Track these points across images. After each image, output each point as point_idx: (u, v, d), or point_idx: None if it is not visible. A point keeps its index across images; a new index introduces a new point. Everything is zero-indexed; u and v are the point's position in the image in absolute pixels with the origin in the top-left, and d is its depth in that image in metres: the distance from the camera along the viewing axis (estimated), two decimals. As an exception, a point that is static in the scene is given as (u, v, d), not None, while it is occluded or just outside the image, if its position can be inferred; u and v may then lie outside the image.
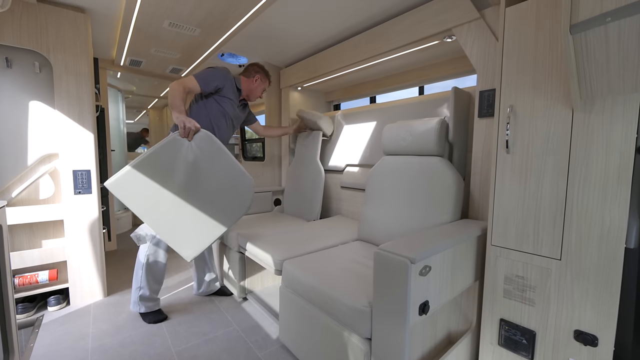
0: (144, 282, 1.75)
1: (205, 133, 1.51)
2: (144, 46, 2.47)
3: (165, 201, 1.45)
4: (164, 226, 1.47)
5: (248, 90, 1.98)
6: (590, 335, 0.97)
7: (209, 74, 1.76)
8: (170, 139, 1.47)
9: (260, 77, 2.00)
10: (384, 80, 2.40)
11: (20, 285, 1.81)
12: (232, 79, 1.87)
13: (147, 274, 1.74)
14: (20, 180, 1.81)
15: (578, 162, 0.97)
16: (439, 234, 1.18)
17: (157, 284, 1.79)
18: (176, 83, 1.62)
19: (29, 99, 1.80)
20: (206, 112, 1.80)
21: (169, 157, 1.45)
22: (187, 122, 1.46)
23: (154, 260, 1.74)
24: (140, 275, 1.75)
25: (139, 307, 1.77)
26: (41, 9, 1.74)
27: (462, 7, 1.43)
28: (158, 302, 1.83)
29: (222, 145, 1.54)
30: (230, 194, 1.54)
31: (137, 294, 1.76)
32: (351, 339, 1.12)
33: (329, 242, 1.78)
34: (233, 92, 1.88)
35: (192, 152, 1.48)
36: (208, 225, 1.53)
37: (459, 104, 1.48)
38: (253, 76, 1.98)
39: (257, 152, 3.73)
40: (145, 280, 1.74)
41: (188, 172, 1.47)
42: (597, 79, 0.87)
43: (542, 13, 1.02)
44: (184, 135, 1.47)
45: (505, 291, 1.15)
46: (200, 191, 1.51)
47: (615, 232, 0.91)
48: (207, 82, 1.73)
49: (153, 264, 1.75)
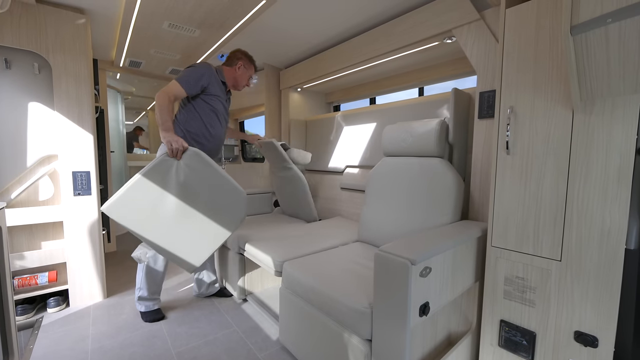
0: (143, 284, 1.78)
1: (194, 151, 1.52)
2: (144, 47, 2.47)
3: (161, 220, 1.48)
4: (162, 244, 1.51)
5: (233, 80, 1.89)
6: (590, 336, 0.96)
7: (191, 75, 1.68)
8: (160, 160, 1.48)
9: (243, 63, 1.87)
10: (384, 82, 2.41)
11: (19, 287, 1.81)
12: (215, 74, 1.79)
13: (147, 276, 1.78)
14: (19, 182, 1.80)
15: (578, 163, 0.97)
16: (439, 235, 1.17)
17: (156, 286, 1.83)
18: (162, 94, 1.56)
19: (28, 100, 1.80)
20: (197, 114, 1.75)
21: (160, 177, 1.47)
22: (174, 143, 1.46)
23: (152, 266, 1.78)
24: (140, 277, 1.79)
25: (139, 305, 1.82)
26: (40, 9, 1.74)
27: (462, 8, 1.43)
28: (157, 302, 1.85)
29: (212, 160, 1.55)
30: (223, 208, 1.57)
31: (137, 293, 1.80)
32: (351, 340, 1.12)
33: (329, 243, 1.77)
34: (219, 87, 1.81)
35: (183, 171, 1.49)
36: (204, 240, 1.56)
37: (459, 105, 1.48)
38: (235, 64, 1.86)
39: (257, 154, 3.73)
40: (145, 282, 1.78)
41: (180, 191, 1.49)
42: (598, 80, 0.87)
43: (542, 14, 1.02)
44: (172, 155, 1.48)
45: (506, 292, 1.15)
46: (194, 208, 1.53)
47: (616, 233, 0.91)
48: (191, 84, 1.66)
49: (152, 269, 1.78)
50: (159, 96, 1.57)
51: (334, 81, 2.51)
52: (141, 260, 1.76)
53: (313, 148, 2.75)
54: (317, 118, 2.74)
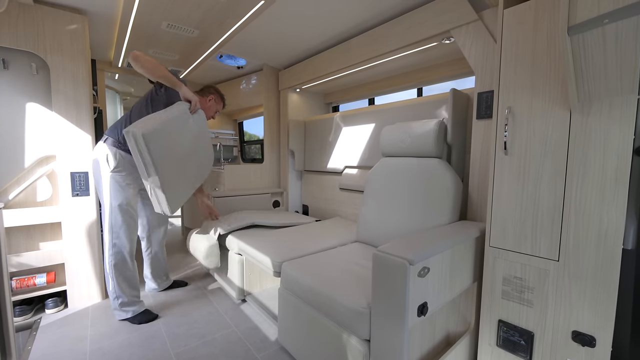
0: (118, 291, 1.71)
1: (201, 111, 1.80)
2: (142, 47, 2.46)
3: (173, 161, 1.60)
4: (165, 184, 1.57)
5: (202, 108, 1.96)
6: (588, 336, 0.97)
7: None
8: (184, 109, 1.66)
9: (214, 97, 2.04)
10: (383, 82, 2.41)
11: (17, 288, 1.80)
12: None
13: (119, 281, 1.71)
14: (17, 182, 1.80)
15: (576, 164, 0.97)
16: (437, 236, 1.18)
17: (134, 289, 1.77)
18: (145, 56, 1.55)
19: (26, 101, 1.79)
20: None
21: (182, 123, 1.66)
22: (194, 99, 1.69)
23: (122, 268, 1.71)
24: (113, 284, 1.70)
25: (124, 313, 1.74)
26: (38, 10, 1.74)
27: (460, 9, 1.43)
28: (141, 304, 1.81)
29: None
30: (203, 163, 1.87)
31: (115, 303, 1.73)
32: (350, 340, 1.12)
33: (328, 243, 1.77)
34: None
35: (194, 125, 1.72)
36: (188, 186, 1.79)
37: (457, 105, 1.49)
38: (207, 96, 2.01)
39: (256, 154, 3.73)
40: (119, 288, 1.71)
41: (190, 140, 1.70)
42: (595, 80, 0.87)
43: (540, 15, 1.03)
44: (193, 110, 1.69)
45: (504, 292, 1.16)
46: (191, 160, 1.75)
47: (613, 233, 0.92)
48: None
49: (123, 271, 1.72)
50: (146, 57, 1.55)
51: (333, 82, 2.51)
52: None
53: (312, 148, 2.75)
54: (316, 118, 2.74)
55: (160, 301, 2.02)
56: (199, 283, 2.32)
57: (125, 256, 1.72)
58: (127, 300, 1.74)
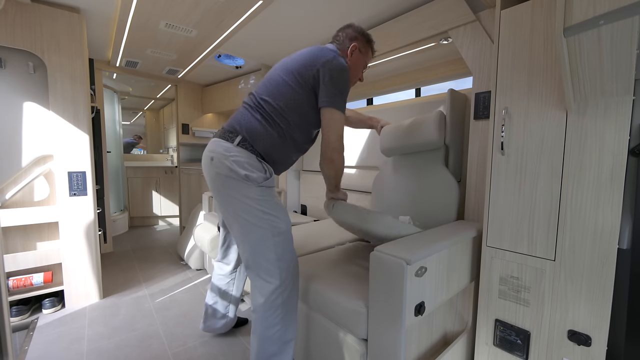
0: (287, 334, 1.22)
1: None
2: (140, 47, 2.46)
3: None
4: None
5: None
6: (583, 335, 0.97)
7: (346, 91, 1.27)
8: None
9: (358, 44, 1.30)
10: (381, 82, 2.41)
11: (14, 288, 1.80)
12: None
13: (288, 321, 1.22)
14: (14, 182, 1.79)
15: (572, 164, 0.98)
16: (434, 235, 1.18)
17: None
18: (338, 154, 1.29)
19: (23, 100, 1.79)
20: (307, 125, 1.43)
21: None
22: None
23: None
24: (281, 330, 1.20)
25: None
26: (35, 9, 1.73)
27: (458, 9, 1.43)
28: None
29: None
30: None
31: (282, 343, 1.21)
32: (347, 339, 1.13)
33: (326, 243, 1.78)
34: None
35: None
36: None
37: (455, 106, 1.49)
38: (347, 45, 1.29)
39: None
40: (288, 331, 1.22)
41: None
42: (591, 81, 0.88)
43: (537, 16, 1.03)
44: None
45: (500, 292, 1.16)
46: None
47: (608, 233, 0.92)
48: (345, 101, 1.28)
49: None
50: (338, 159, 1.31)
51: (331, 81, 2.51)
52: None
53: (311, 148, 2.74)
54: (314, 118, 2.73)
55: (158, 301, 2.01)
56: (197, 283, 2.32)
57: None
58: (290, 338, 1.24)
